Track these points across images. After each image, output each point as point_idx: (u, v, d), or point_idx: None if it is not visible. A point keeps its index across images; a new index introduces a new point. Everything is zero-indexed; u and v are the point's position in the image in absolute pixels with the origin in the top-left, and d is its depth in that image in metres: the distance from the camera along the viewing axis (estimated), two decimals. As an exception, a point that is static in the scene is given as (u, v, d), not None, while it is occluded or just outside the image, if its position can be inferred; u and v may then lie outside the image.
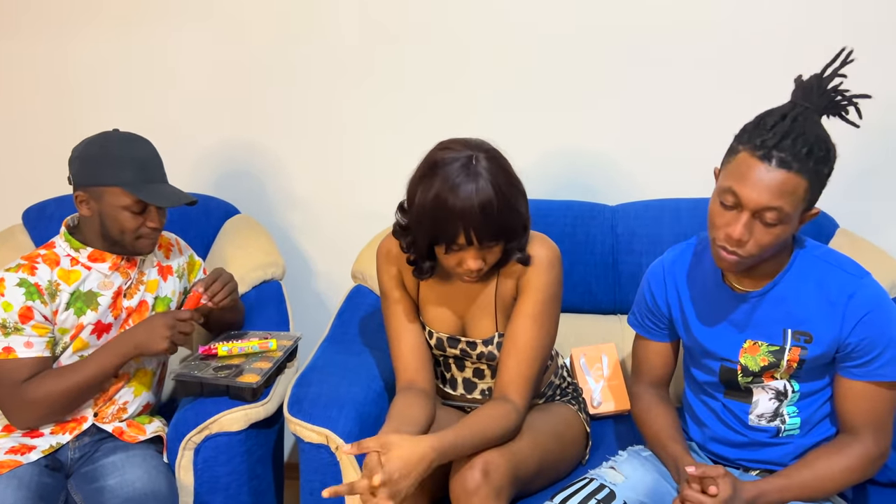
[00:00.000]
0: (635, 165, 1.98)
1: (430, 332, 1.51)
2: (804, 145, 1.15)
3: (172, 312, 1.54)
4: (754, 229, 1.19)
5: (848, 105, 1.26)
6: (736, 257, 1.22)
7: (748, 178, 1.17)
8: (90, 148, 1.50)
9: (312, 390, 1.51)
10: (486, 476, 1.31)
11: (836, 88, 1.24)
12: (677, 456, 1.36)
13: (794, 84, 1.26)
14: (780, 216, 1.17)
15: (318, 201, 2.16)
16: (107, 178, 1.48)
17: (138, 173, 1.49)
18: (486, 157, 1.30)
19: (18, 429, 1.52)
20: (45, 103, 2.17)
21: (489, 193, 1.27)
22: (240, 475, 1.53)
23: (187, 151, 2.15)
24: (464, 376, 1.55)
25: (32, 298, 1.47)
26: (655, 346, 1.50)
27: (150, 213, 1.51)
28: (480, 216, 1.26)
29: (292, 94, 2.08)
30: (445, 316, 1.50)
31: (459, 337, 1.50)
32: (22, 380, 1.46)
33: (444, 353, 1.53)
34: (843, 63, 1.24)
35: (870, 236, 1.82)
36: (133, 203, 1.48)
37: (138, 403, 1.63)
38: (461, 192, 1.26)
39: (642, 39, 1.90)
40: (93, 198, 1.50)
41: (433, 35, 1.98)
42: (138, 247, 1.54)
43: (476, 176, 1.27)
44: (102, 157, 1.48)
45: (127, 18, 2.08)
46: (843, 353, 1.28)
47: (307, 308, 2.18)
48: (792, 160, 1.15)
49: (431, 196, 1.28)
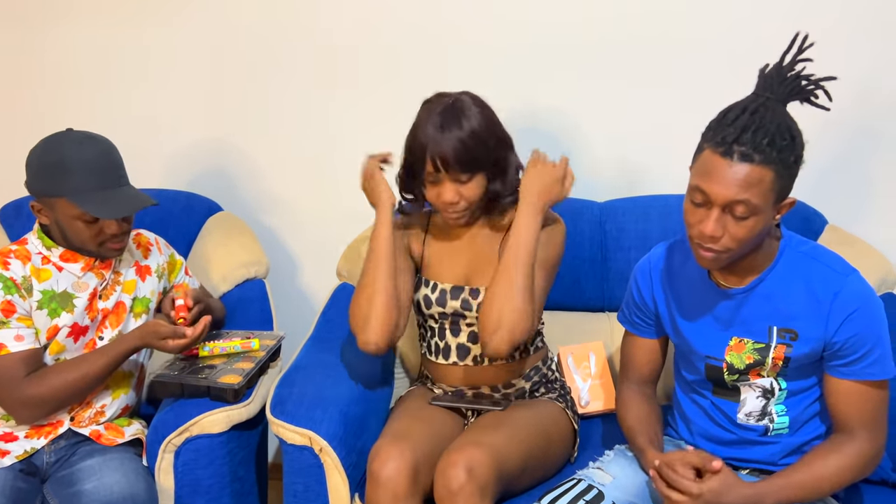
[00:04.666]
0: (623, 161, 1.97)
1: (435, 284, 1.54)
2: (764, 136, 1.16)
3: (168, 330, 1.49)
4: (727, 224, 1.20)
5: (815, 89, 1.26)
6: (713, 253, 1.23)
7: (712, 174, 1.18)
8: (41, 155, 1.44)
9: (296, 391, 1.49)
10: (469, 474, 1.30)
11: (798, 74, 1.24)
12: (643, 449, 1.37)
13: (757, 75, 1.26)
14: (749, 209, 1.17)
15: (303, 198, 2.14)
16: (55, 188, 1.42)
17: (88, 180, 1.42)
18: (469, 98, 1.45)
19: (23, 424, 1.49)
20: (21, 99, 2.14)
21: (458, 124, 1.40)
22: (221, 478, 1.51)
23: (169, 148, 2.13)
24: (458, 342, 1.55)
25: (10, 293, 1.44)
26: (643, 342, 1.49)
27: (106, 222, 1.45)
28: (445, 143, 1.39)
29: (276, 93, 2.07)
30: (450, 268, 1.55)
31: (463, 286, 1.52)
32: (22, 375, 1.42)
33: (444, 311, 1.53)
34: (800, 48, 1.24)
35: (859, 232, 1.81)
36: (83, 213, 1.42)
37: (116, 406, 1.60)
38: (432, 121, 1.41)
39: (631, 37, 1.89)
40: (46, 207, 1.46)
41: (417, 33, 1.97)
42: (104, 253, 1.50)
43: (452, 111, 1.41)
44: (51, 166, 1.42)
45: (106, 14, 2.05)
46: (830, 351, 1.27)
47: (291, 307, 2.15)
48: (753, 152, 1.16)
49: (412, 129, 1.45)
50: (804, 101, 1.27)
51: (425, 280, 1.57)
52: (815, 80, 1.25)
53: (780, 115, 1.20)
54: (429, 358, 1.61)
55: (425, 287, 1.56)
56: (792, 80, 1.24)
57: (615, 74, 1.92)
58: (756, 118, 1.18)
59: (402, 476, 1.34)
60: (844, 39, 1.78)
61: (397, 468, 1.34)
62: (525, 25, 1.92)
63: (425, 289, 1.56)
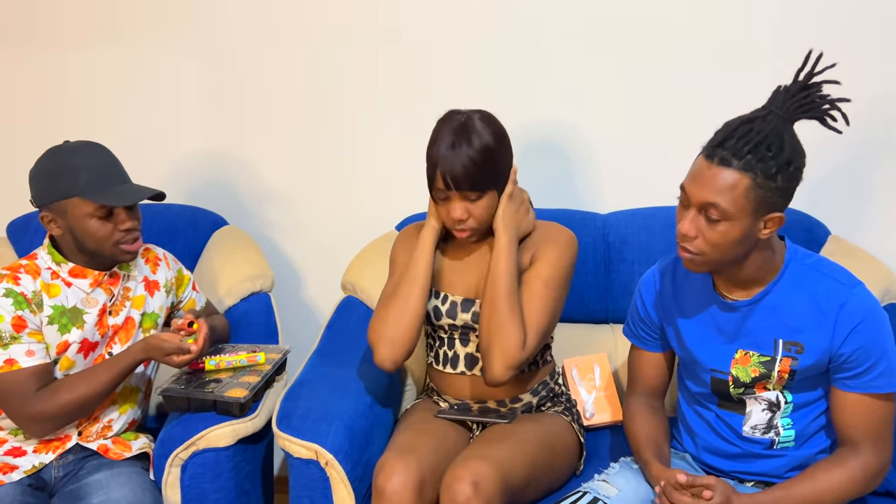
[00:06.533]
0: (627, 173, 1.98)
1: (445, 296, 1.55)
2: (747, 143, 1.18)
3: (172, 346, 1.50)
4: (700, 226, 1.23)
5: (830, 109, 1.26)
6: (688, 254, 1.26)
7: (694, 175, 1.23)
8: (42, 165, 1.46)
9: (301, 404, 1.49)
10: (475, 488, 1.30)
11: (810, 93, 1.24)
12: (648, 462, 1.37)
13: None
14: (720, 213, 1.20)
15: (307, 212, 2.15)
16: (63, 190, 1.44)
17: (94, 178, 1.44)
18: (479, 117, 1.46)
19: (33, 438, 1.50)
20: (29, 115, 2.16)
21: (468, 142, 1.41)
22: (228, 492, 1.51)
23: (174, 163, 2.14)
24: (467, 351, 1.56)
25: (21, 308, 1.45)
26: (649, 356, 1.49)
27: (119, 216, 1.47)
28: (456, 161, 1.41)
29: (280, 105, 2.08)
30: (461, 280, 1.56)
31: (474, 298, 1.52)
32: (33, 390, 1.43)
33: (454, 322, 1.54)
34: (813, 66, 1.25)
35: (862, 243, 1.82)
36: (96, 209, 1.44)
37: (123, 421, 1.60)
38: (443, 140, 1.43)
39: (636, 47, 1.90)
40: (57, 215, 1.47)
41: (417, 39, 1.98)
42: (119, 254, 1.50)
43: (463, 129, 1.43)
44: (55, 171, 1.45)
45: (112, 31, 2.07)
46: (835, 364, 1.27)
47: (296, 320, 2.16)
48: (731, 157, 1.18)
49: (427, 146, 1.46)
50: (814, 119, 1.26)
51: (436, 292, 1.57)
52: (828, 99, 1.25)
53: (775, 128, 1.20)
54: (436, 367, 1.62)
55: (436, 299, 1.56)
56: (801, 97, 1.23)
57: (620, 86, 1.93)
58: (747, 127, 1.20)
59: (407, 490, 1.34)
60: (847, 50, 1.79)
61: (402, 482, 1.34)
62: (526, 35, 1.93)
63: (436, 300, 1.56)
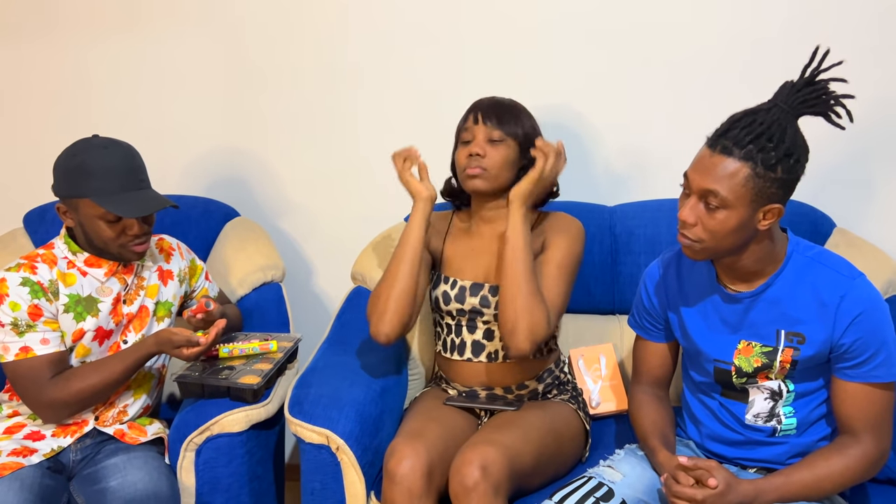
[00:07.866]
0: (634, 165, 1.99)
1: (454, 281, 1.58)
2: (749, 134, 1.20)
3: (182, 339, 1.52)
4: (700, 213, 1.25)
5: (835, 106, 1.27)
6: (687, 241, 1.28)
7: (696, 162, 1.26)
8: (66, 159, 1.48)
9: (313, 391, 1.51)
10: (484, 472, 1.32)
11: (815, 89, 1.25)
12: (654, 449, 1.39)
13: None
14: (719, 200, 1.22)
15: (318, 203, 2.17)
16: (78, 189, 1.46)
17: (110, 182, 1.45)
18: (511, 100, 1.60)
19: (48, 423, 1.53)
20: (46, 107, 2.18)
21: (502, 97, 1.59)
22: (241, 476, 1.54)
23: (187, 155, 2.16)
24: (473, 338, 1.59)
25: (38, 296, 1.47)
26: (654, 346, 1.51)
27: (128, 222, 1.49)
28: (486, 99, 1.59)
29: (290, 98, 2.09)
30: (471, 266, 1.60)
31: (483, 283, 1.56)
32: (47, 378, 1.46)
33: (462, 307, 1.57)
34: (819, 63, 1.26)
35: (867, 235, 1.83)
36: (105, 213, 1.46)
37: (139, 406, 1.63)
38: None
39: (643, 40, 1.91)
40: (71, 209, 1.49)
41: (427, 36, 1.99)
42: (125, 255, 1.53)
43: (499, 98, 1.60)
44: (75, 168, 1.46)
45: (128, 24, 2.09)
46: (836, 354, 1.29)
47: (307, 310, 2.19)
48: (733, 146, 1.21)
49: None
50: (818, 115, 1.28)
51: (444, 277, 1.60)
52: (833, 96, 1.26)
53: (778, 120, 1.22)
54: (444, 355, 1.64)
55: (444, 284, 1.59)
56: (806, 92, 1.25)
57: (628, 79, 1.94)
58: (750, 118, 1.22)
59: (417, 474, 1.37)
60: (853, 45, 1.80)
61: (412, 466, 1.37)
62: (535, 31, 1.94)
63: (444, 285, 1.59)
